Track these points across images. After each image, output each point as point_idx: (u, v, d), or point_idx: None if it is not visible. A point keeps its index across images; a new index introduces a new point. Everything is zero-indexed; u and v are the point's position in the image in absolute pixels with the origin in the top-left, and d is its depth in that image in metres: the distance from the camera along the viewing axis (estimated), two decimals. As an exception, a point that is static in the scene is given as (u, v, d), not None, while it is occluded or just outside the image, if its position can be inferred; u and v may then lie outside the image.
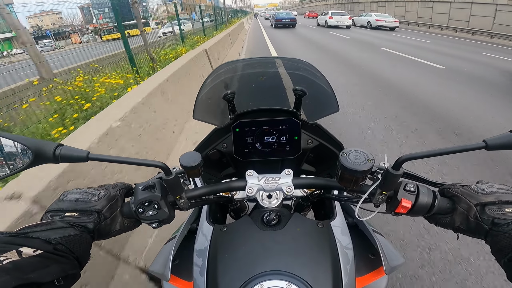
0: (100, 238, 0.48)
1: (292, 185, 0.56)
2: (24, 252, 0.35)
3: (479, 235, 0.43)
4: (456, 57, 8.38)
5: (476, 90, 4.89)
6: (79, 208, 0.46)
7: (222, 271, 0.47)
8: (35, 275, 0.33)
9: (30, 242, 0.37)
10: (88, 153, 0.43)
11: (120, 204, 0.51)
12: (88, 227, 0.44)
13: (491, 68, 6.80)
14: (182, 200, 0.51)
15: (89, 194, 0.48)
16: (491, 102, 4.26)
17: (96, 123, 1.54)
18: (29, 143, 0.41)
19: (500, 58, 8.56)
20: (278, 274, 0.44)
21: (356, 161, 0.44)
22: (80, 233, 0.43)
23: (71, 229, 0.42)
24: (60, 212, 0.45)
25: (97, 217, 0.46)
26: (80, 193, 0.48)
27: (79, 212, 0.45)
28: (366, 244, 0.64)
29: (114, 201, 0.49)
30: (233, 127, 0.74)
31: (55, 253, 0.38)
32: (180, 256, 0.63)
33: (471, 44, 12.42)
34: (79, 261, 0.42)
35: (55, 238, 0.39)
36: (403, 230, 1.79)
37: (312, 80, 0.80)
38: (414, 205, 0.46)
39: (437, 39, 13.96)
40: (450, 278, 1.50)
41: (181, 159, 0.48)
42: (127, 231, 0.52)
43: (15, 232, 0.38)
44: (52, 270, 0.36)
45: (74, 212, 0.45)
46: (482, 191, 0.44)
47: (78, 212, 0.45)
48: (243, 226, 0.55)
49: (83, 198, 0.47)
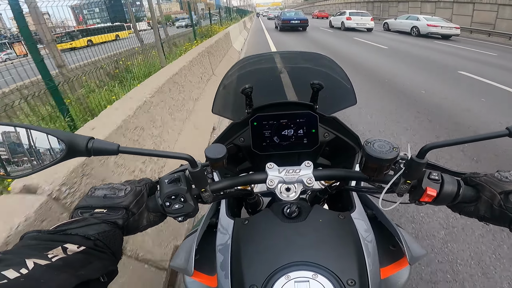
0: (128, 233, 0.48)
1: (312, 177, 0.57)
2: (69, 249, 0.35)
3: (504, 223, 0.43)
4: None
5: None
6: (108, 204, 0.46)
7: (246, 264, 0.47)
8: (85, 272, 0.33)
9: (71, 239, 0.37)
10: (119, 146, 0.44)
11: (145, 200, 0.51)
12: (118, 223, 0.45)
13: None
14: (207, 193, 0.52)
15: (115, 189, 0.48)
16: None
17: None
18: (62, 137, 0.42)
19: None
20: (304, 265, 0.45)
21: (381, 149, 0.44)
22: (113, 229, 0.43)
23: (104, 225, 0.42)
24: (89, 209, 0.45)
25: (125, 213, 0.46)
26: (108, 189, 0.48)
27: (108, 209, 0.45)
28: (386, 235, 0.64)
29: (140, 196, 0.49)
30: (251, 121, 0.75)
31: (96, 249, 0.38)
32: (200, 251, 0.64)
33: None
34: (115, 257, 0.42)
35: (93, 234, 0.39)
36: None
37: (330, 74, 0.80)
38: (439, 194, 0.46)
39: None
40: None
41: (207, 151, 0.49)
42: (153, 226, 0.53)
43: (53, 229, 0.38)
44: (96, 266, 0.36)
45: (103, 208, 0.45)
46: (506, 179, 0.44)
47: (107, 208, 0.45)
48: (265, 219, 0.55)
49: (110, 194, 0.47)
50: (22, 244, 0.36)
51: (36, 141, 0.43)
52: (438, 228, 1.89)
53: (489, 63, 7.45)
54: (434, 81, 5.18)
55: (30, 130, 0.42)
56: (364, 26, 16.64)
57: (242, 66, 0.84)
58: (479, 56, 8.60)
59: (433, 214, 1.99)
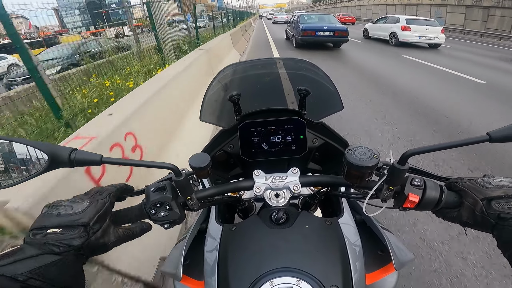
0: (94, 254, 0.43)
1: (299, 183, 0.57)
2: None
3: (486, 229, 0.43)
4: None
5: None
6: (63, 223, 0.40)
7: (232, 270, 0.48)
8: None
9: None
10: (102, 157, 0.44)
11: (110, 213, 0.46)
12: (73, 244, 0.38)
13: None
14: (192, 200, 0.52)
15: (71, 206, 0.42)
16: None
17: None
18: (44, 148, 0.42)
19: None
20: (288, 271, 0.45)
21: (362, 157, 0.45)
22: (60, 257, 0.37)
23: (46, 256, 0.36)
24: (42, 230, 0.39)
25: (83, 231, 0.40)
26: (62, 206, 0.42)
27: (62, 228, 0.39)
28: (374, 240, 0.64)
29: (103, 210, 0.43)
30: (239, 128, 0.75)
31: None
32: (190, 256, 0.64)
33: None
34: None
35: (23, 272, 0.32)
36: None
37: (316, 80, 0.81)
38: (421, 200, 0.46)
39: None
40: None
41: (190, 161, 0.49)
42: (129, 240, 0.48)
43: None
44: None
45: (57, 228, 0.39)
46: (489, 185, 0.44)
47: (62, 227, 0.39)
48: (252, 225, 0.55)
49: (65, 211, 0.41)
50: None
51: (17, 153, 0.43)
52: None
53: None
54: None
55: (12, 142, 0.42)
56: (431, 40, 10.84)
57: (229, 73, 0.84)
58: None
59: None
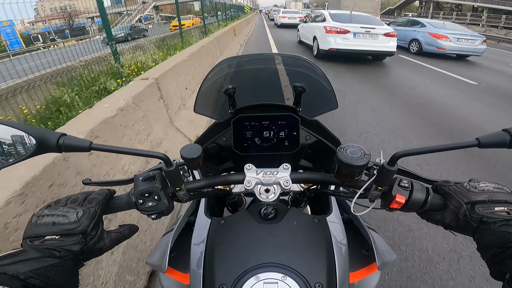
0: (90, 257, 0.45)
1: (289, 179, 0.57)
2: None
3: (468, 232, 0.44)
4: None
5: None
6: (60, 231, 0.41)
7: (218, 263, 0.48)
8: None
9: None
10: (91, 143, 0.43)
11: (102, 219, 0.47)
12: (73, 249, 0.40)
13: None
14: (182, 192, 0.52)
15: (65, 215, 0.42)
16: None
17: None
18: (32, 132, 0.41)
19: None
20: (274, 267, 0.45)
21: (353, 156, 0.45)
22: (60, 261, 0.38)
23: (47, 258, 0.38)
24: (39, 237, 0.39)
25: (82, 238, 0.41)
26: (54, 216, 0.42)
27: (60, 235, 0.40)
28: (360, 240, 0.65)
29: (96, 217, 0.45)
30: (233, 121, 0.75)
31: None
32: (177, 249, 0.64)
33: None
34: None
35: (25, 272, 0.34)
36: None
37: (312, 77, 0.81)
38: (407, 201, 0.47)
39: None
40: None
41: (182, 151, 0.49)
42: (120, 242, 0.49)
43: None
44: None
45: (55, 235, 0.40)
46: (474, 189, 0.45)
47: (60, 235, 0.40)
48: (240, 219, 0.56)
49: (60, 221, 0.41)
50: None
51: (4, 137, 0.42)
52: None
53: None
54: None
55: None
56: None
57: (225, 67, 0.84)
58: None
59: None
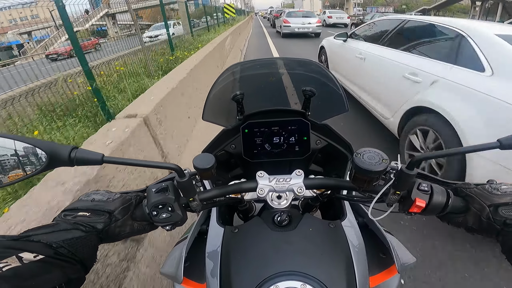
0: (108, 240, 0.48)
1: (303, 186, 0.56)
2: (25, 258, 0.34)
3: (491, 235, 0.43)
4: None
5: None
6: (92, 208, 0.46)
7: (235, 273, 0.47)
8: (35, 282, 0.33)
9: (31, 247, 0.36)
10: (103, 156, 0.43)
11: (132, 208, 0.51)
12: (97, 227, 0.45)
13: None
14: (195, 202, 0.51)
15: (105, 195, 0.49)
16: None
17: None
18: (44, 146, 0.41)
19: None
20: (293, 275, 0.44)
21: (370, 161, 0.44)
22: (86, 234, 0.42)
23: (76, 231, 0.41)
24: (74, 211, 0.45)
25: (107, 217, 0.46)
26: (98, 194, 0.49)
27: (91, 212, 0.46)
28: (376, 243, 0.64)
29: (128, 204, 0.50)
30: (242, 128, 0.74)
31: (56, 257, 0.37)
32: (191, 258, 0.63)
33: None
34: (84, 264, 0.41)
35: (57, 241, 0.38)
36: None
37: (321, 80, 0.80)
38: (428, 205, 0.46)
39: None
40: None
41: (195, 161, 0.48)
42: (138, 234, 0.52)
43: (17, 235, 0.37)
44: (54, 276, 0.35)
45: (86, 211, 0.45)
46: (496, 191, 0.44)
47: (91, 211, 0.46)
48: (254, 227, 0.55)
49: (99, 198, 0.48)
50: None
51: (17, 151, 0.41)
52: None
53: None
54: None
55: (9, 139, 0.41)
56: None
57: (233, 72, 0.83)
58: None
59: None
